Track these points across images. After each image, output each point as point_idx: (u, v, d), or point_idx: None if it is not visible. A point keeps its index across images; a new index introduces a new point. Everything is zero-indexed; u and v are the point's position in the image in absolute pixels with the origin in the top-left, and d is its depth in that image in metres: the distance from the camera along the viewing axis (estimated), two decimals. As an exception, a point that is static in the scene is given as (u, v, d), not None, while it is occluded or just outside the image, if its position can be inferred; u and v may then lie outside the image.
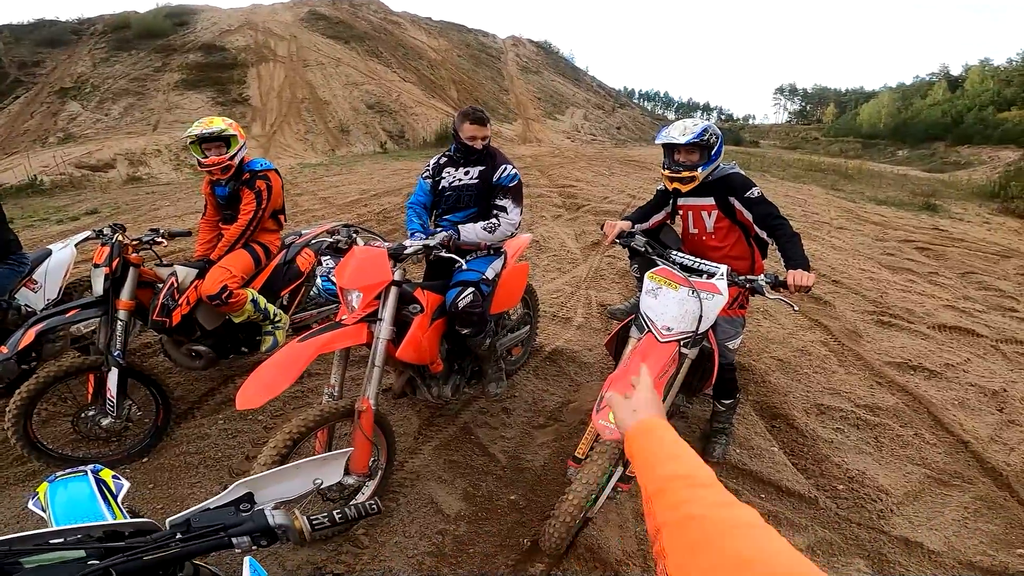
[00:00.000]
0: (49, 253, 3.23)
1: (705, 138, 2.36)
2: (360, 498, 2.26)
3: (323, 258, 3.49)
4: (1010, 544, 2.28)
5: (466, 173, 2.65)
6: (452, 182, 2.67)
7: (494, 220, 2.56)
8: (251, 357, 3.15)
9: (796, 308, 2.25)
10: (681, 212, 2.63)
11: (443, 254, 2.31)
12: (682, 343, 2.12)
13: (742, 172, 2.50)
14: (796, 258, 2.18)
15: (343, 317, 2.18)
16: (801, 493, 2.51)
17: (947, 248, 7.09)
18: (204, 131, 2.83)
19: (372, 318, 2.16)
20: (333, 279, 3.40)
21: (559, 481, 2.52)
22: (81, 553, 0.81)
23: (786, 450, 2.79)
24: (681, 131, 2.39)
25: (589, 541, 2.18)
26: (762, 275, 2.19)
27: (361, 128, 20.00)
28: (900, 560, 2.18)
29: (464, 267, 2.39)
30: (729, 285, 2.15)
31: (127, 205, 9.08)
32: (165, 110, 18.13)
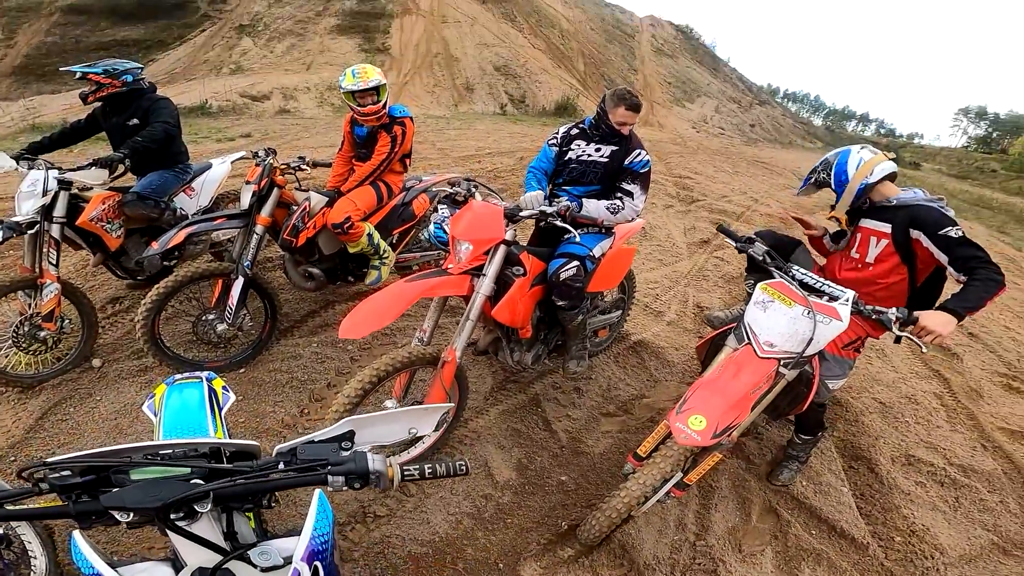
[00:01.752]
0: (209, 166, 3.62)
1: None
2: (420, 447, 2.35)
3: (440, 206, 3.60)
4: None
5: (597, 150, 2.58)
6: (580, 155, 2.60)
7: (618, 202, 2.48)
8: (354, 287, 3.39)
9: (925, 350, 1.97)
10: (851, 233, 2.36)
11: (557, 223, 2.29)
12: (782, 362, 1.96)
13: (936, 206, 2.11)
14: (965, 299, 1.88)
15: (449, 266, 2.25)
16: (854, 537, 2.40)
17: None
18: (363, 86, 2.96)
19: (476, 272, 2.22)
20: (447, 227, 3.52)
21: (613, 472, 2.51)
22: (187, 470, 0.84)
23: (856, 493, 2.67)
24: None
25: (624, 538, 2.16)
26: (893, 308, 1.93)
27: (485, 88, 20.35)
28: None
29: (576, 239, 2.35)
30: (853, 313, 1.93)
31: (275, 132, 10.12)
32: (319, 52, 19.74)
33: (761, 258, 2.18)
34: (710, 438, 1.76)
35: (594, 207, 2.44)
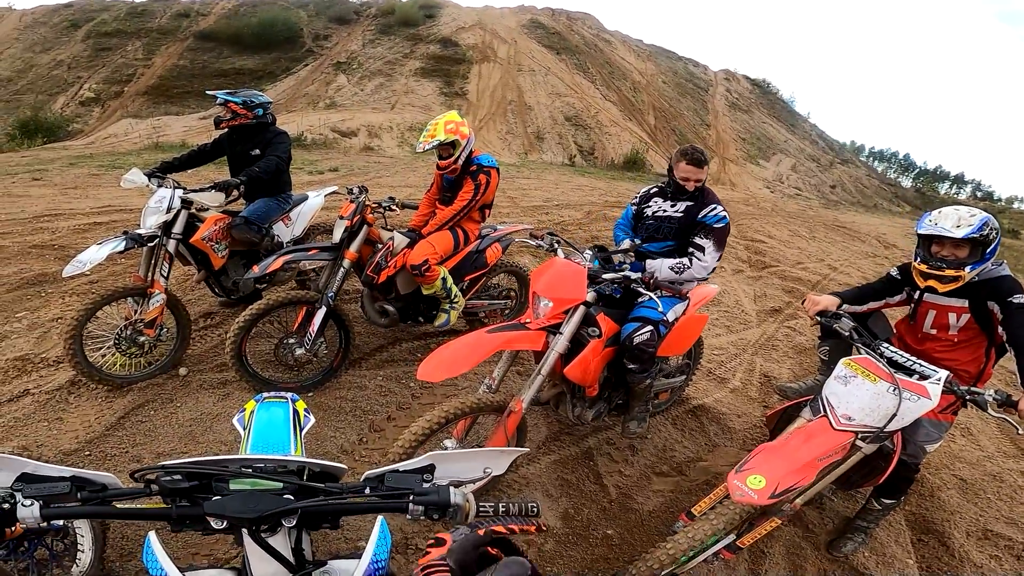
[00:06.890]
0: (306, 198, 3.90)
1: (984, 233, 2.02)
2: (470, 487, 2.36)
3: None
4: None
5: (672, 205, 2.64)
6: (656, 211, 2.67)
7: (685, 260, 2.46)
8: (422, 327, 3.49)
9: (1021, 431, 1.89)
10: (920, 308, 2.31)
11: (640, 289, 2.31)
12: (860, 435, 1.90)
13: (1012, 275, 2.11)
14: None
15: (527, 320, 2.30)
16: (913, 611, 2.28)
17: None
18: (426, 146, 3.04)
19: (553, 329, 2.26)
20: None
21: (662, 531, 2.45)
22: (279, 485, 0.87)
23: (922, 565, 2.58)
24: (955, 222, 2.05)
25: (663, 595, 2.08)
26: (991, 389, 1.86)
27: (555, 138, 20.95)
28: None
29: (656, 306, 2.33)
30: (945, 392, 1.86)
31: (359, 169, 10.94)
32: (403, 93, 21.25)
33: (848, 334, 2.15)
34: (767, 498, 1.71)
35: (657, 266, 2.44)
